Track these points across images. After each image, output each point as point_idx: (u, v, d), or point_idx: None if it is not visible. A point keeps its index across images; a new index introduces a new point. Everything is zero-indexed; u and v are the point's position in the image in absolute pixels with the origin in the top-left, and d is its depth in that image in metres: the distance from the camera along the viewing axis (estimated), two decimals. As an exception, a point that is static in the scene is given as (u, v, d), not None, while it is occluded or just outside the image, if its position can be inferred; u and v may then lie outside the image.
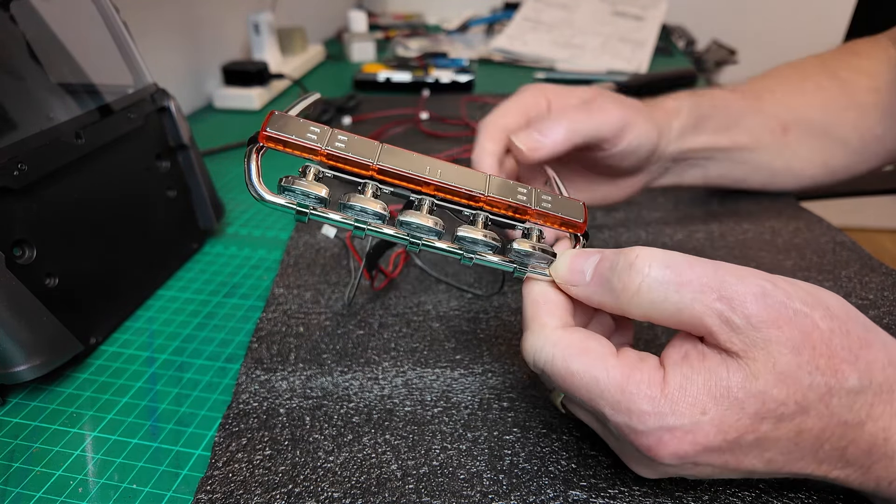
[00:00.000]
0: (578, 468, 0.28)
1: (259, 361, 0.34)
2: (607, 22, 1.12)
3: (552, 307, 0.25)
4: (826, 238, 0.46)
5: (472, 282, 0.42)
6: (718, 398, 0.21)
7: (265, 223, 0.51)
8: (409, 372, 0.34)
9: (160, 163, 0.43)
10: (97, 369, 0.35)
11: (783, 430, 0.21)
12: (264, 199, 0.24)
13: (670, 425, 0.21)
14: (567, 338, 0.23)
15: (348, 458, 0.28)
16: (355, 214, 0.24)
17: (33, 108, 0.36)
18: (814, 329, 0.21)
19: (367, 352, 0.35)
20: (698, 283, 0.21)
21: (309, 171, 0.24)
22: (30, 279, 0.31)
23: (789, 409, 0.20)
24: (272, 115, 0.24)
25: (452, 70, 0.90)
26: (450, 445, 0.29)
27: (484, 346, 0.36)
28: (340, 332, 0.37)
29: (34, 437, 0.30)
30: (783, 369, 0.20)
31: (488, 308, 0.39)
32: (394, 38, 1.18)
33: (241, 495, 0.26)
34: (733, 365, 0.21)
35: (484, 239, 0.24)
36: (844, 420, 0.21)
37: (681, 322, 0.22)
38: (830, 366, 0.21)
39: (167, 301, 0.41)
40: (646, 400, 0.21)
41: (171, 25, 0.74)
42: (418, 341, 0.36)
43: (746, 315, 0.21)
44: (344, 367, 0.34)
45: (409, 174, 0.24)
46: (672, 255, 0.22)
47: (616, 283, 0.23)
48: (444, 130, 0.70)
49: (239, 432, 0.30)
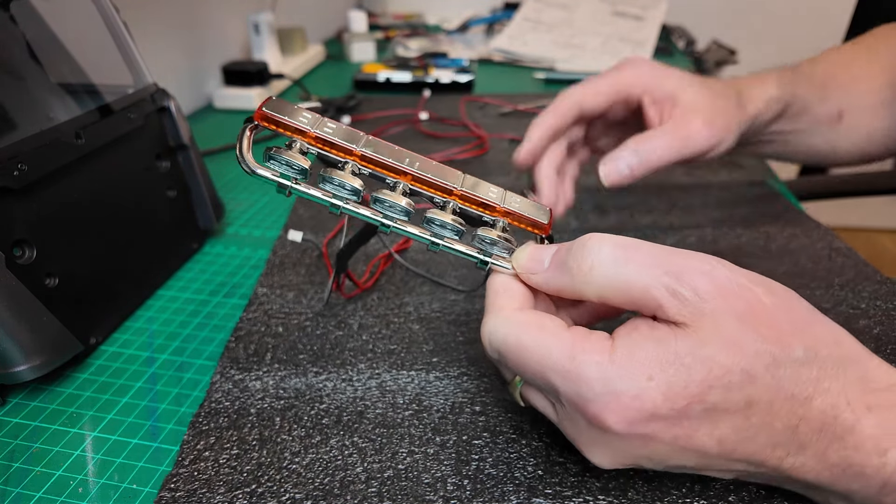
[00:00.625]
0: (545, 475, 0.27)
1: (235, 361, 0.34)
2: (607, 22, 1.12)
3: (511, 293, 0.26)
4: (822, 244, 0.45)
5: (457, 283, 0.42)
6: (665, 364, 0.21)
7: (265, 223, 0.51)
8: (384, 374, 0.33)
9: (160, 163, 0.43)
10: (97, 369, 0.35)
11: (732, 401, 0.21)
12: (253, 171, 0.25)
13: (617, 390, 0.21)
14: (521, 316, 0.24)
15: (314, 460, 0.28)
16: (333, 189, 0.25)
17: (33, 108, 0.36)
18: (757, 302, 0.22)
19: (343, 353, 0.35)
20: (647, 259, 0.22)
21: (295, 145, 0.25)
22: (30, 279, 0.31)
23: (736, 376, 0.21)
24: (269, 98, 0.25)
25: (452, 70, 0.90)
26: (417, 449, 0.29)
27: (462, 349, 0.35)
28: (319, 333, 0.37)
29: (34, 437, 0.30)
30: (729, 336, 0.21)
31: (470, 311, 0.39)
32: (394, 38, 1.18)
33: (203, 493, 0.26)
34: (681, 333, 0.21)
35: (451, 223, 0.26)
36: (792, 393, 0.21)
37: (631, 298, 0.22)
38: (775, 336, 0.21)
39: (167, 301, 0.41)
40: (593, 366, 0.22)
41: (172, 25, 0.74)
42: (396, 343, 0.36)
43: (693, 287, 0.21)
44: (319, 367, 0.34)
45: (390, 162, 0.26)
46: (624, 238, 0.23)
47: (572, 264, 0.24)
48: (444, 131, 0.70)
49: (208, 431, 0.30)
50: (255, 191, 0.57)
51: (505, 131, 0.69)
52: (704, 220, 0.50)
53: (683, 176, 0.58)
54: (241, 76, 0.79)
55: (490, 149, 0.64)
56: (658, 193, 0.54)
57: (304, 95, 0.81)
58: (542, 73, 0.96)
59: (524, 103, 0.79)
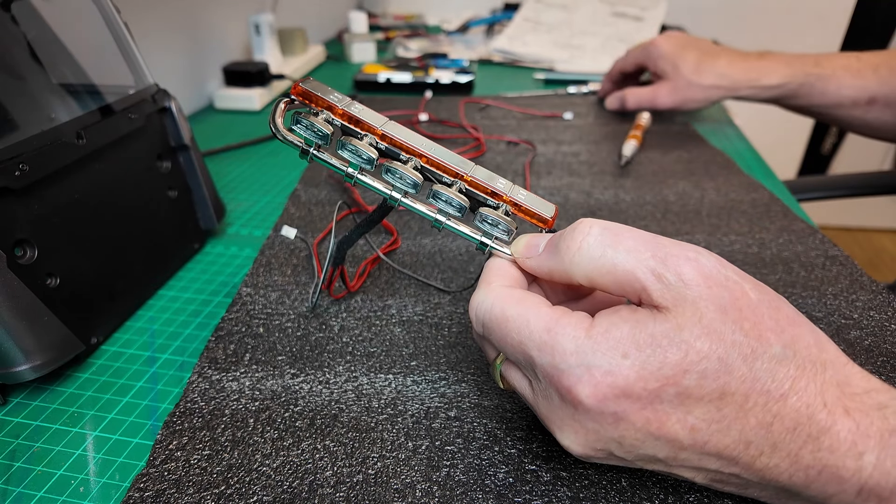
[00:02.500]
0: (515, 483, 0.27)
1: (214, 361, 0.34)
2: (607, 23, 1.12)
3: (504, 273, 0.27)
4: (817, 252, 0.45)
5: (443, 284, 0.41)
6: (641, 344, 0.21)
7: (266, 223, 0.51)
8: (361, 377, 0.33)
9: (161, 163, 0.43)
10: (98, 369, 0.35)
11: (707, 389, 0.21)
12: (280, 133, 0.27)
13: (590, 363, 0.21)
14: (508, 291, 0.25)
15: (284, 463, 0.28)
16: (350, 156, 0.27)
17: (34, 108, 0.36)
18: (743, 295, 0.22)
19: (322, 355, 0.35)
20: (634, 242, 0.23)
21: (321, 113, 0.27)
22: (31, 279, 0.31)
23: (712, 363, 0.21)
24: (307, 77, 0.29)
25: (452, 71, 0.90)
26: (388, 454, 0.28)
27: (442, 353, 0.35)
28: (300, 335, 0.36)
29: (35, 436, 0.30)
30: (708, 324, 0.21)
31: (453, 314, 0.38)
32: (394, 38, 1.18)
33: (172, 494, 0.26)
34: (660, 317, 0.21)
35: (456, 198, 0.27)
36: (767, 389, 0.21)
37: (617, 280, 0.23)
38: (755, 330, 0.21)
39: (168, 301, 0.41)
40: (570, 339, 0.22)
41: (172, 26, 0.74)
42: (377, 346, 0.36)
43: (678, 273, 0.22)
44: (297, 369, 0.34)
45: (408, 143, 0.27)
46: (614, 223, 0.24)
47: (562, 246, 0.24)
48: (442, 132, 0.70)
49: (181, 431, 0.30)
50: (256, 191, 0.57)
51: (505, 133, 0.70)
52: (697, 226, 0.49)
53: (682, 180, 0.57)
54: (241, 77, 0.79)
55: (487, 150, 0.64)
56: (654, 196, 0.54)
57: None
58: (541, 73, 0.96)
59: (524, 106, 0.80)
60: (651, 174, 0.59)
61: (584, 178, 0.58)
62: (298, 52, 0.96)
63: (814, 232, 0.47)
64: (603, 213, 0.51)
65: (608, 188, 0.56)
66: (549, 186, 0.56)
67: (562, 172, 0.59)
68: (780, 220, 0.49)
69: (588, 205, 0.53)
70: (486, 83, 0.93)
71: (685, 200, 0.53)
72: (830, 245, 0.46)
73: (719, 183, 0.57)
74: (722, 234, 0.47)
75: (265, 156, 0.65)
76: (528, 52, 1.04)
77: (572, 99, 0.84)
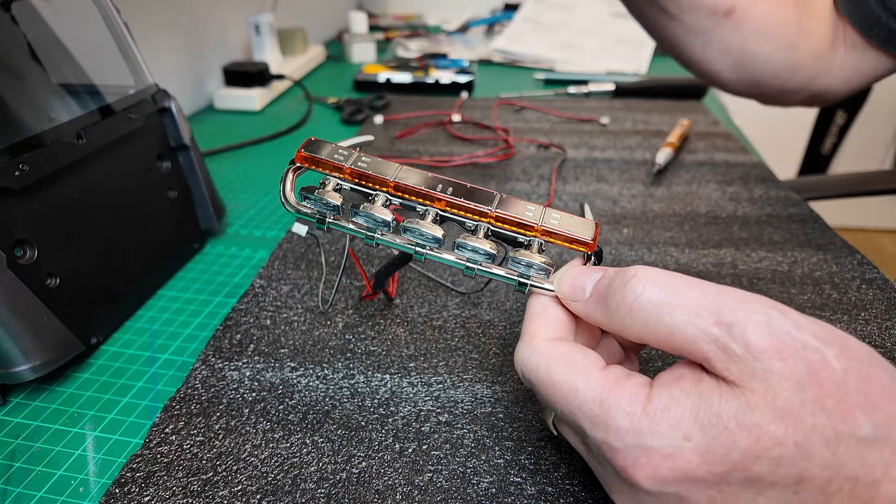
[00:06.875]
0: (498, 493, 0.26)
1: (218, 350, 0.35)
2: (607, 23, 1.13)
3: (548, 320, 0.24)
4: (853, 273, 0.42)
5: (455, 284, 0.41)
6: (706, 425, 0.19)
7: (266, 223, 0.51)
8: (358, 375, 0.33)
9: (161, 163, 0.43)
10: (98, 369, 0.35)
11: (780, 475, 0.18)
12: (295, 209, 0.27)
13: (648, 445, 0.19)
14: (554, 348, 0.23)
15: (272, 455, 0.28)
16: (365, 220, 0.26)
17: (34, 108, 0.36)
18: (824, 366, 0.18)
19: (323, 350, 0.35)
20: (695, 305, 0.20)
21: (328, 183, 0.27)
22: (31, 279, 0.31)
23: (788, 451, 0.18)
24: (310, 139, 0.27)
25: (452, 71, 0.90)
26: (374, 454, 0.28)
27: (441, 357, 0.35)
28: (304, 329, 0.37)
29: (35, 436, 0.30)
30: (783, 405, 0.18)
31: (458, 317, 0.38)
32: (394, 38, 1.18)
33: (161, 476, 0.27)
34: (728, 393, 0.19)
35: (482, 247, 0.25)
36: (855, 474, 0.18)
37: (674, 346, 0.20)
38: (839, 409, 0.18)
39: (168, 301, 0.41)
40: (624, 415, 0.20)
41: (172, 26, 0.74)
42: (378, 345, 0.36)
43: (746, 342, 0.19)
44: (297, 363, 0.34)
45: (421, 190, 0.26)
46: (671, 276, 0.21)
47: (611, 301, 0.22)
48: (473, 134, 0.70)
49: (178, 415, 0.30)
50: (256, 191, 0.57)
51: (537, 136, 0.69)
52: (728, 239, 0.47)
53: (715, 190, 0.55)
54: (241, 77, 0.79)
55: (515, 153, 0.64)
56: (683, 207, 0.52)
57: (305, 95, 0.81)
58: (541, 73, 0.96)
59: (561, 110, 0.79)
60: (684, 183, 0.57)
61: (613, 185, 0.57)
62: (298, 53, 0.96)
63: (852, 252, 0.45)
64: (627, 221, 0.50)
65: (636, 196, 0.54)
66: (574, 192, 0.55)
67: (590, 178, 0.58)
68: (818, 237, 0.47)
69: (613, 213, 0.52)
70: (485, 83, 0.93)
71: (717, 212, 0.51)
72: (870, 268, 0.43)
73: (755, 195, 0.54)
74: (751, 250, 0.45)
75: (265, 156, 0.65)
76: (528, 53, 1.04)
77: (612, 103, 0.82)
